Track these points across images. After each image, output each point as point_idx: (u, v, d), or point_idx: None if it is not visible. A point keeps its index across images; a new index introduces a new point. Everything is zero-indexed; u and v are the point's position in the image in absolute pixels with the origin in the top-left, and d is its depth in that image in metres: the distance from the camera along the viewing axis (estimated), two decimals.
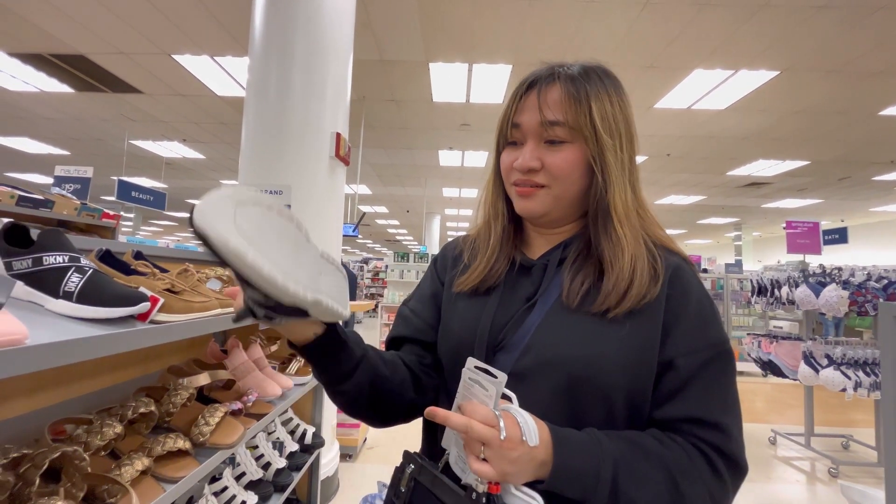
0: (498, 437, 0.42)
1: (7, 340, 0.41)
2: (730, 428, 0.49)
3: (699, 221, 12.70)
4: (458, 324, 0.61)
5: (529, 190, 0.58)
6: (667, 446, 0.48)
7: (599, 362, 0.50)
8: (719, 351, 0.52)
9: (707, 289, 3.15)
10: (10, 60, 4.55)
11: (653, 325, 0.52)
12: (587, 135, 0.55)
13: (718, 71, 4.17)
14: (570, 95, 0.55)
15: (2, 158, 8.22)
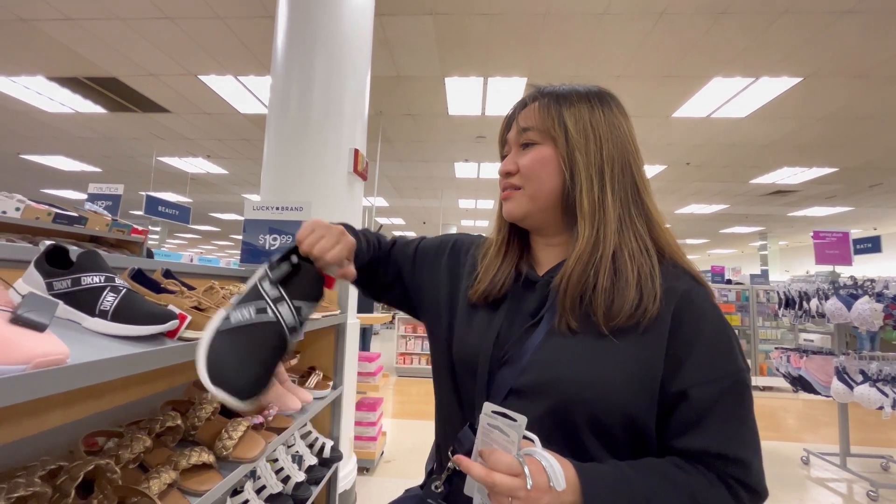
0: (525, 486, 0.42)
1: (51, 360, 0.44)
2: (750, 460, 0.49)
3: (722, 231, 12.39)
4: (469, 335, 0.62)
5: (508, 193, 0.62)
6: (689, 474, 0.48)
7: (596, 385, 0.50)
8: (735, 381, 0.51)
9: (732, 300, 3.04)
10: (48, 84, 4.82)
11: (655, 352, 0.51)
12: (556, 135, 0.58)
13: (738, 79, 4.11)
14: (543, 105, 0.60)
15: (39, 176, 8.65)
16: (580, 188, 0.56)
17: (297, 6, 2.40)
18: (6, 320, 0.44)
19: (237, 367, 0.51)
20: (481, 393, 0.57)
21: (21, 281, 0.66)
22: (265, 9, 3.41)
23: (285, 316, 0.55)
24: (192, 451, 0.83)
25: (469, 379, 0.60)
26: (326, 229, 0.62)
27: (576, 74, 4.18)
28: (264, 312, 0.54)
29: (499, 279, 0.62)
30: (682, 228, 12.21)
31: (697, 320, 0.52)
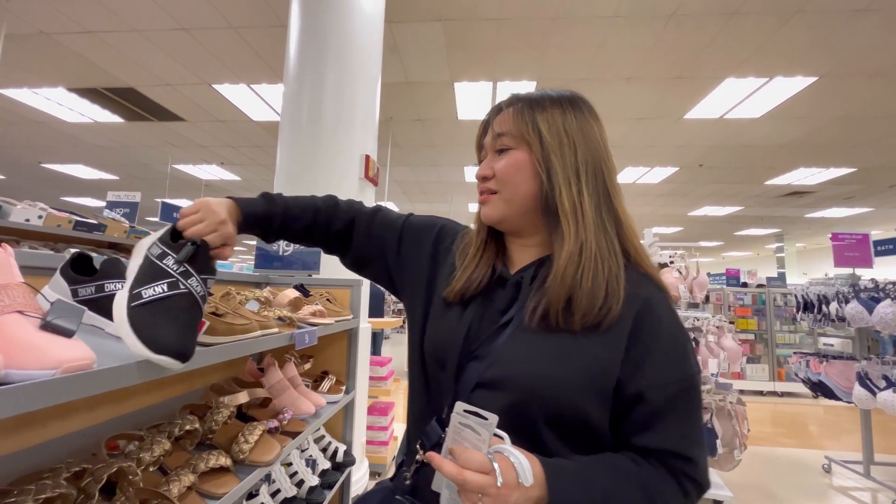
0: (495, 484, 0.44)
1: (78, 365, 0.45)
2: (698, 458, 0.54)
3: (737, 233, 12.19)
4: (441, 329, 0.65)
5: (485, 197, 0.64)
6: (643, 469, 0.52)
7: (553, 383, 0.53)
8: (688, 385, 0.55)
9: (748, 303, 2.98)
10: (68, 95, 4.96)
11: (613, 353, 0.54)
12: (530, 140, 0.60)
13: (751, 79, 4.06)
14: (517, 111, 0.62)
15: (59, 184, 8.88)
16: (559, 190, 0.58)
17: (308, 15, 2.44)
18: (36, 326, 0.46)
19: (171, 334, 0.57)
20: (450, 386, 0.59)
21: (48, 288, 0.68)
22: (277, 18, 3.47)
23: (196, 287, 0.62)
24: (210, 454, 0.84)
25: (438, 372, 0.62)
26: (209, 213, 0.66)
27: (586, 77, 4.17)
28: (176, 287, 0.60)
29: (475, 278, 0.64)
30: (696, 231, 12.04)
31: (656, 326, 0.55)
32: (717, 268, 18.87)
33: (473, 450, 0.47)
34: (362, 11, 2.47)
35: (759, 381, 5.60)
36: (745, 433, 2.44)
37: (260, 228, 0.76)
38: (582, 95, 0.65)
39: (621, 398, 0.54)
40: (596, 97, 3.51)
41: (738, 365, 2.65)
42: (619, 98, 4.58)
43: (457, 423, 0.50)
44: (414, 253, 0.73)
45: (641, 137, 5.60)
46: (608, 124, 3.00)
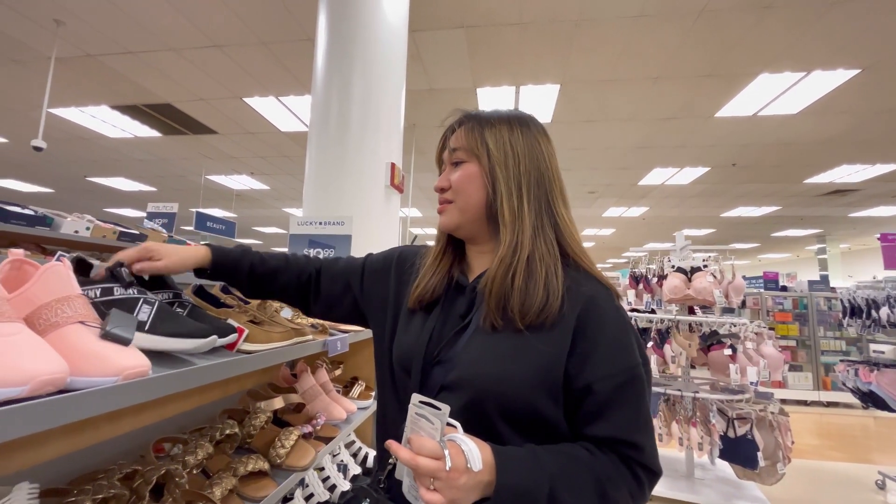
0: (444, 468, 0.47)
1: (137, 372, 0.47)
2: (643, 443, 0.57)
3: (774, 234, 11.66)
4: (406, 337, 0.69)
5: (442, 206, 0.70)
6: (596, 457, 0.56)
7: (505, 381, 0.57)
8: (632, 375, 0.58)
9: (788, 308, 2.84)
10: (111, 112, 5.25)
11: (559, 350, 0.58)
12: (479, 153, 0.66)
13: (787, 74, 3.89)
14: (468, 128, 0.68)
15: (102, 196, 9.39)
16: (501, 199, 0.64)
17: (335, 28, 2.50)
18: (96, 336, 0.49)
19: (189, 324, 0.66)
20: (415, 390, 0.62)
21: None
22: (304, 32, 3.58)
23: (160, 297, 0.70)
24: (249, 458, 0.87)
25: (405, 378, 0.67)
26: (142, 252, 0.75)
27: (610, 78, 4.11)
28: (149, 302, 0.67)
29: (431, 284, 0.69)
30: (729, 232, 11.60)
31: (600, 322, 0.59)
32: (754, 271, 18.07)
33: (427, 437, 0.50)
34: (386, 23, 2.52)
35: (802, 391, 5.32)
36: (788, 445, 2.33)
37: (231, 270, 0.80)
38: (532, 116, 0.72)
39: (572, 392, 0.57)
40: (621, 98, 3.48)
41: (779, 373, 2.52)
42: (646, 98, 4.48)
43: (413, 414, 0.53)
44: (377, 285, 0.79)
45: (670, 138, 5.46)
46: (634, 125, 2.99)
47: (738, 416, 2.38)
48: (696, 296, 2.51)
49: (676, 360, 2.51)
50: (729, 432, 2.37)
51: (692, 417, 2.46)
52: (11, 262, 0.51)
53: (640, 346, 0.62)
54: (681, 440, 2.45)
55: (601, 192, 8.07)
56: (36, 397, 0.39)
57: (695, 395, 2.46)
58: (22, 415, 0.36)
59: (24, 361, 0.39)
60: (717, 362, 2.48)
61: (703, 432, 2.39)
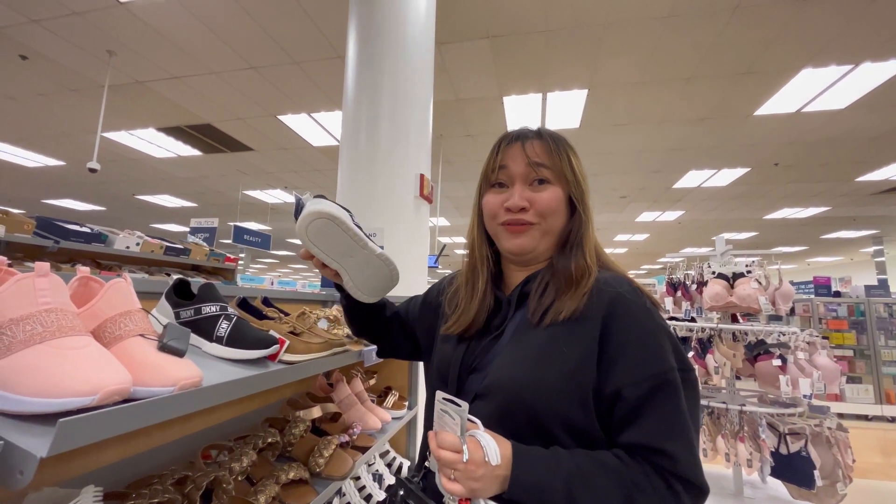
0: (461, 460, 0.50)
1: (191, 383, 0.50)
2: (675, 452, 0.53)
3: (824, 236, 10.97)
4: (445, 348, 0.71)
5: (520, 228, 0.66)
6: (626, 464, 0.54)
7: (534, 386, 0.57)
8: (663, 380, 0.55)
9: (843, 314, 2.67)
10: (157, 134, 5.60)
11: (586, 351, 0.57)
12: (569, 178, 0.66)
13: (832, 68, 3.69)
14: (549, 147, 0.67)
15: (149, 212, 9.97)
16: (589, 227, 0.66)
17: (364, 46, 2.58)
18: (154, 348, 0.52)
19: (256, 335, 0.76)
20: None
21: (155, 311, 0.77)
22: (335, 50, 3.71)
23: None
24: (290, 466, 0.89)
25: (443, 386, 0.68)
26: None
27: (640, 80, 4.02)
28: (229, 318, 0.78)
29: (482, 315, 0.69)
30: (773, 235, 11.00)
31: (626, 323, 0.58)
32: (802, 276, 17.03)
33: (448, 432, 0.53)
34: (414, 38, 2.57)
35: (862, 404, 4.93)
36: (849, 464, 2.16)
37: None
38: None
39: (602, 398, 0.56)
40: (652, 100, 3.41)
41: (836, 386, 2.36)
42: (679, 99, 4.35)
43: (438, 410, 0.56)
44: (432, 316, 0.84)
45: (705, 139, 5.27)
46: (667, 127, 2.92)
47: (790, 432, 2.23)
48: (740, 303, 2.39)
49: (720, 370, 2.39)
50: (781, 448, 2.23)
51: (739, 432, 2.33)
52: (79, 279, 0.56)
53: (677, 348, 0.59)
54: (727, 456, 2.32)
55: (633, 196, 7.86)
56: (104, 406, 0.42)
57: (741, 408, 2.32)
58: (93, 423, 0.39)
59: (94, 373, 0.42)
60: (765, 373, 2.34)
61: (752, 448, 2.25)
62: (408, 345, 0.91)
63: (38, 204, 9.32)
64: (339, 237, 0.76)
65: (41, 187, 8.10)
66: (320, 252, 0.76)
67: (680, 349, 0.59)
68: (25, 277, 0.44)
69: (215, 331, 0.74)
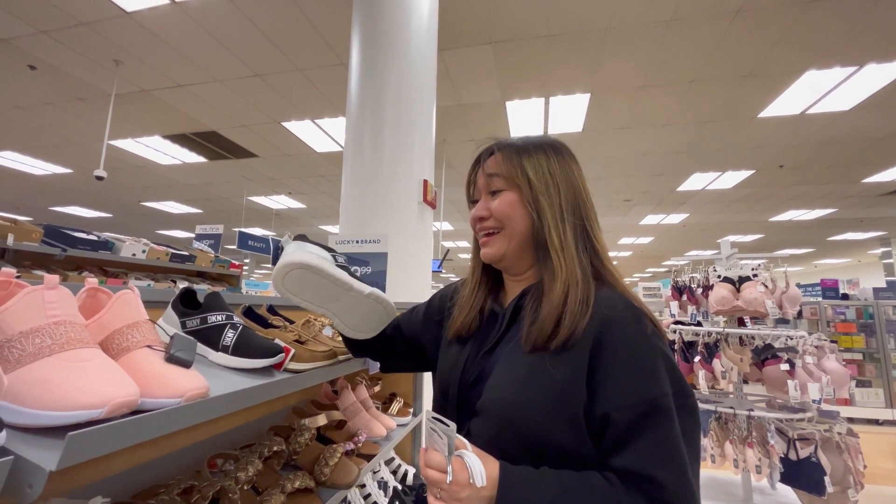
0: (445, 480, 0.50)
1: (198, 394, 0.50)
2: (664, 480, 0.52)
3: (831, 238, 10.89)
4: (445, 363, 0.73)
5: (487, 238, 0.70)
6: (615, 487, 0.53)
7: (522, 408, 0.57)
8: (654, 406, 0.54)
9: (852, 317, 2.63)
10: (163, 141, 5.65)
11: (575, 375, 0.56)
12: (520, 182, 0.66)
13: (836, 69, 3.68)
14: (504, 156, 0.69)
15: (154, 219, 10.05)
16: (548, 227, 0.64)
17: (367, 53, 2.59)
18: (161, 359, 0.52)
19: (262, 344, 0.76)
20: (453, 413, 0.66)
21: (162, 320, 0.77)
22: (338, 58, 3.74)
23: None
24: (296, 475, 0.89)
25: (445, 401, 0.69)
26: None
27: (643, 84, 4.02)
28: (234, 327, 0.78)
29: (468, 319, 0.72)
30: (780, 238, 10.93)
31: (618, 345, 0.56)
32: (809, 278, 16.88)
33: (436, 451, 0.54)
34: (416, 45, 2.59)
35: (872, 408, 4.87)
36: (860, 469, 2.13)
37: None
38: (563, 142, 0.72)
39: (593, 420, 0.56)
40: (655, 103, 3.40)
41: (845, 390, 2.33)
42: (682, 102, 4.35)
43: (428, 428, 0.56)
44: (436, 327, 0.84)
45: (709, 141, 5.25)
46: (670, 130, 2.92)
47: (799, 437, 2.20)
48: (747, 307, 2.37)
49: (727, 375, 2.36)
50: (790, 454, 2.20)
51: (748, 437, 2.30)
52: (87, 290, 0.56)
53: (674, 372, 0.57)
54: (736, 462, 2.29)
55: (637, 199, 7.84)
56: (111, 418, 0.42)
57: (749, 412, 2.30)
58: (102, 436, 0.39)
59: (102, 385, 0.42)
60: (773, 378, 2.32)
61: (760, 454, 2.23)
62: (414, 358, 0.89)
63: (46, 211, 9.41)
64: (320, 285, 0.73)
65: (48, 195, 8.19)
66: (302, 301, 0.74)
67: (677, 373, 0.57)
68: (35, 290, 0.45)
69: (221, 340, 0.74)
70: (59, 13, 3.26)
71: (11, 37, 3.54)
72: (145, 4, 3.16)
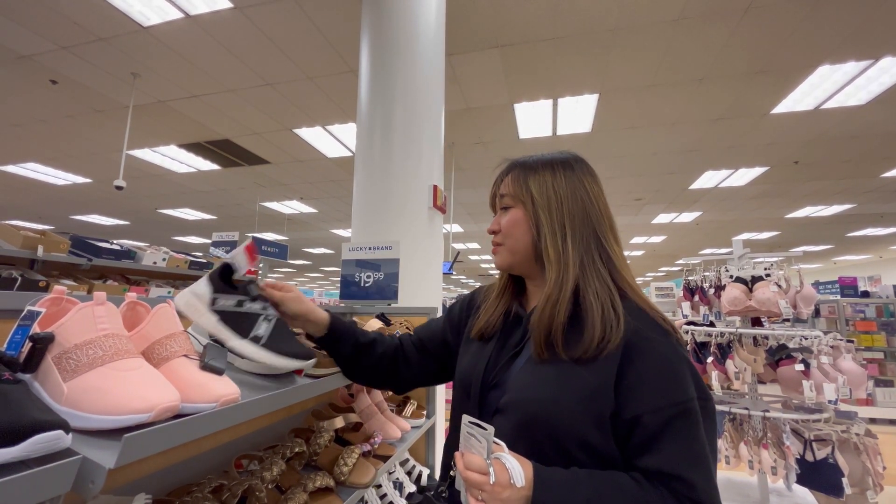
0: (488, 482, 0.52)
1: (230, 399, 0.54)
2: (694, 480, 0.55)
3: (849, 234, 10.65)
4: (465, 364, 0.76)
5: (494, 248, 0.76)
6: (644, 488, 0.55)
7: (551, 406, 0.59)
8: (683, 409, 0.57)
9: (872, 315, 2.61)
10: (178, 150, 5.79)
11: (604, 379, 0.59)
12: (524, 199, 0.71)
13: (851, 64, 3.63)
14: (513, 176, 0.74)
15: (171, 226, 10.27)
16: (545, 240, 0.68)
17: (376, 60, 2.65)
18: (197, 367, 0.56)
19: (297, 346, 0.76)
20: (475, 411, 0.69)
21: (191, 329, 0.80)
22: (347, 65, 3.80)
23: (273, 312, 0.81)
24: (317, 475, 0.93)
25: (466, 400, 0.72)
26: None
27: (651, 83, 4.01)
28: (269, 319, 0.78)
29: (493, 318, 0.75)
30: (796, 235, 10.73)
31: (648, 353, 0.60)
32: (828, 275, 16.48)
33: (475, 454, 0.56)
34: (424, 51, 2.63)
35: (893, 409, 4.77)
36: (879, 471, 2.10)
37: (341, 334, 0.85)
38: (577, 157, 0.75)
39: (620, 423, 0.58)
40: (665, 102, 3.40)
41: (863, 390, 2.30)
42: (692, 100, 4.32)
43: (465, 433, 0.59)
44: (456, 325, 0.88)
45: (721, 139, 5.20)
46: (680, 128, 2.93)
47: (816, 438, 2.18)
48: (759, 307, 2.36)
49: (741, 375, 2.35)
50: (807, 455, 2.18)
51: (763, 438, 2.29)
52: (128, 304, 0.61)
53: (697, 378, 0.61)
54: (751, 463, 2.28)
55: (649, 198, 7.78)
56: (157, 422, 0.46)
57: (764, 413, 2.29)
58: (152, 437, 0.43)
59: (148, 392, 0.46)
60: (787, 378, 2.30)
61: (776, 455, 2.21)
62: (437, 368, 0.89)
63: (66, 219, 9.69)
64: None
65: (69, 204, 8.44)
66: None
67: (699, 379, 0.61)
68: (86, 306, 0.49)
69: (254, 329, 0.72)
70: (79, 29, 3.38)
71: (35, 53, 3.68)
72: (161, 19, 3.26)
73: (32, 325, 0.47)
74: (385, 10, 2.66)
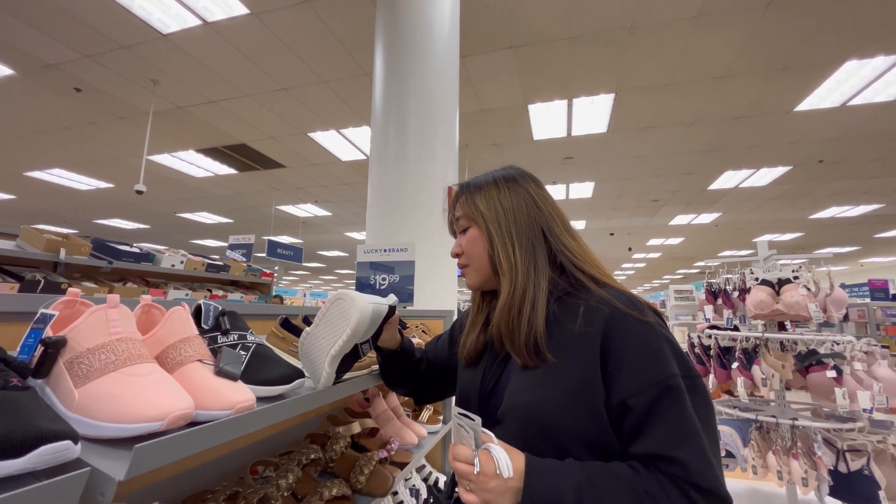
0: (473, 472, 0.53)
1: (246, 406, 0.52)
2: (686, 459, 0.53)
3: (877, 235, 10.27)
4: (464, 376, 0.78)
5: (463, 271, 0.78)
6: (640, 474, 0.54)
7: (542, 406, 0.60)
8: (665, 386, 0.56)
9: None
10: (196, 155, 5.89)
11: (589, 370, 0.59)
12: (475, 217, 0.74)
13: (880, 58, 3.49)
14: (464, 198, 0.77)
15: (189, 229, 10.47)
16: (498, 252, 0.70)
17: (390, 63, 2.64)
18: (212, 372, 0.54)
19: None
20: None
21: None
22: (361, 69, 3.82)
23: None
24: (333, 483, 0.90)
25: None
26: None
27: (669, 82, 3.93)
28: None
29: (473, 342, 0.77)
30: (821, 236, 10.39)
31: (623, 335, 0.59)
32: (856, 278, 15.95)
33: (464, 445, 0.56)
34: (439, 53, 2.62)
35: None
36: None
37: (407, 353, 0.91)
38: (520, 168, 0.78)
39: (612, 411, 0.58)
40: (683, 101, 3.32)
41: None
42: (711, 99, 4.22)
43: (455, 424, 0.59)
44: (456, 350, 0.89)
45: (742, 138, 5.07)
46: (699, 128, 2.86)
47: (849, 448, 2.08)
48: (787, 311, 2.26)
49: (768, 382, 2.26)
50: (840, 466, 2.08)
51: (792, 448, 2.19)
52: (142, 307, 0.59)
53: (679, 355, 0.59)
54: (780, 474, 2.18)
55: (666, 199, 7.63)
56: (171, 430, 0.44)
57: (793, 422, 2.19)
58: (164, 447, 0.41)
59: (161, 399, 0.45)
60: (818, 385, 2.20)
61: (807, 465, 2.12)
62: (446, 385, 0.94)
63: (89, 223, 9.96)
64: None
65: (92, 208, 8.67)
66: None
67: (682, 355, 0.60)
68: (99, 309, 0.48)
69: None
70: (101, 38, 3.46)
71: (60, 62, 3.79)
72: (180, 26, 3.32)
73: (45, 329, 0.46)
74: (399, 12, 2.66)
